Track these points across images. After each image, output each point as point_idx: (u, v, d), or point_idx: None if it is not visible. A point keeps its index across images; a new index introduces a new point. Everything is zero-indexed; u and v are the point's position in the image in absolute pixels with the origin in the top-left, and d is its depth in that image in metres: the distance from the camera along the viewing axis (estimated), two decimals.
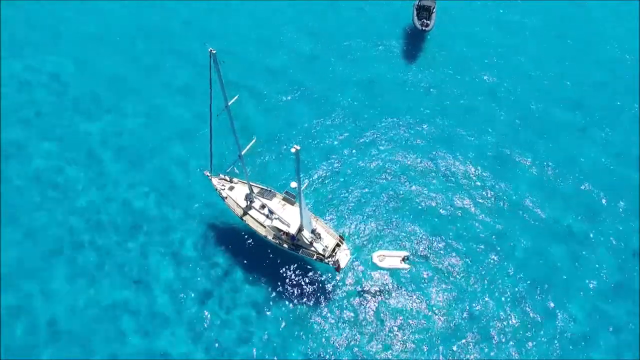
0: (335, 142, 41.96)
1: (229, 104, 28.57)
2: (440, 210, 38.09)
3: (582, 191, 39.26)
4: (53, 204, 38.73)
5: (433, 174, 40.15)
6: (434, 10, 48.78)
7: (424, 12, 48.70)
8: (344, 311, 33.82)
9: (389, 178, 39.88)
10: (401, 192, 39.05)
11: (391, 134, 42.63)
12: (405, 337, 32.85)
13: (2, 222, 37.64)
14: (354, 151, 41.45)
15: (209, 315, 33.85)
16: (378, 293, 34.43)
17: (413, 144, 41.93)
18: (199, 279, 35.28)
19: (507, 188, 39.31)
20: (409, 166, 40.60)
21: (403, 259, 34.83)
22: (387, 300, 34.16)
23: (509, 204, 38.50)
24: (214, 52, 25.72)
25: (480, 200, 38.68)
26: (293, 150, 25.56)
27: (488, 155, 41.24)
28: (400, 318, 33.49)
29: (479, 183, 39.63)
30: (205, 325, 33.51)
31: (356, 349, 32.56)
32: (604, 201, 38.61)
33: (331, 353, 32.43)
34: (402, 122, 43.38)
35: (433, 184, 39.53)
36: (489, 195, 38.95)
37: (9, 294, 34.72)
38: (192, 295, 34.66)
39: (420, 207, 38.25)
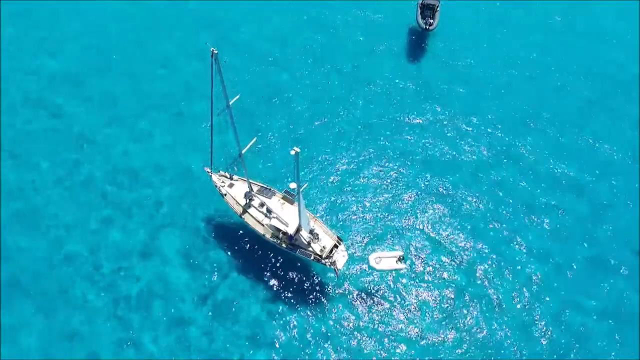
0: (336, 143, 41.86)
1: (230, 103, 28.40)
2: (437, 210, 38.10)
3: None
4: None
5: (432, 175, 40.08)
6: (438, 9, 48.32)
7: (427, 11, 48.28)
8: (341, 311, 33.79)
9: (388, 180, 39.77)
10: (400, 193, 39.02)
11: (391, 135, 42.50)
12: (402, 337, 32.83)
13: None
14: (353, 153, 41.32)
15: (203, 315, 33.75)
16: (374, 293, 34.42)
17: (413, 146, 41.78)
18: (195, 277, 35.18)
19: (507, 190, 39.31)
20: (408, 167, 40.52)
21: (399, 259, 34.85)
22: (384, 300, 34.14)
23: (509, 204, 38.52)
24: (216, 51, 25.50)
25: (475, 199, 38.76)
26: (292, 152, 25.47)
27: (489, 158, 41.17)
28: (398, 318, 33.50)
29: (477, 183, 39.63)
30: (199, 325, 33.44)
31: (354, 348, 32.55)
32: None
33: (329, 353, 32.40)
34: (404, 124, 43.23)
35: (432, 185, 39.48)
36: (486, 195, 38.95)
37: None
38: (187, 294, 34.55)
39: (418, 208, 38.28)
